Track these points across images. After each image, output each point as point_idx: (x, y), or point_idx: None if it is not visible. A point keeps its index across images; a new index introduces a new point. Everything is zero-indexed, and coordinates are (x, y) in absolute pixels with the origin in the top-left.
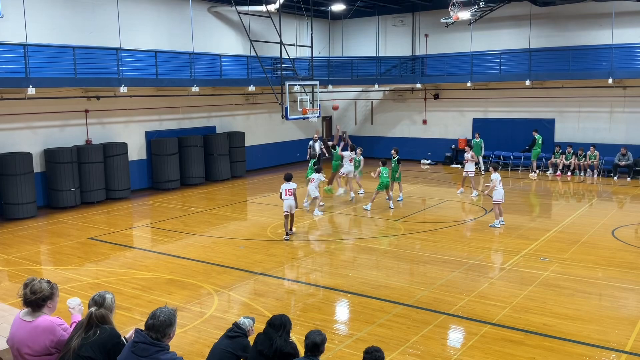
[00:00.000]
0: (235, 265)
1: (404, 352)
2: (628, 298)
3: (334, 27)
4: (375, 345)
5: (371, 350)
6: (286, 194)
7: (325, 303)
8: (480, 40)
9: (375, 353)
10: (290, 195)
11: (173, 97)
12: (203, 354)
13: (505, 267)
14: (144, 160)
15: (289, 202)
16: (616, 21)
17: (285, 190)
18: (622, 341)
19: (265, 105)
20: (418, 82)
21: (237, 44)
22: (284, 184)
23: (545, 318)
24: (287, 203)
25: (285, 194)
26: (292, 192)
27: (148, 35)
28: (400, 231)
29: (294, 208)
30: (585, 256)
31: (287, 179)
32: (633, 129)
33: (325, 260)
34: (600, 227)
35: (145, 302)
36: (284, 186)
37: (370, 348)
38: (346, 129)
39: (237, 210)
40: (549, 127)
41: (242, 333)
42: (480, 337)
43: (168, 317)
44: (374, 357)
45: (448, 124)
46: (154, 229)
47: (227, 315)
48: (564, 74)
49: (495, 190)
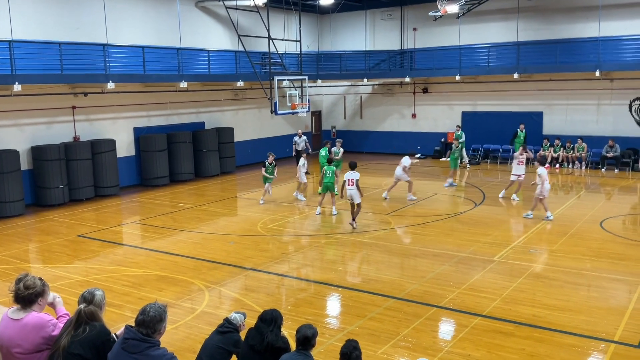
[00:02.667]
0: (225, 261)
1: (395, 344)
2: (616, 289)
3: (323, 22)
4: (354, 341)
5: (349, 352)
6: (349, 184)
7: (316, 297)
8: (468, 33)
9: (354, 352)
10: (352, 185)
11: (161, 93)
12: (194, 349)
13: (495, 260)
14: (133, 157)
15: (350, 191)
16: (603, 14)
17: (348, 180)
18: (610, 331)
19: (254, 100)
20: (407, 76)
21: (225, 39)
22: (348, 172)
23: (534, 309)
24: (350, 193)
25: (347, 183)
26: (353, 182)
27: (135, 30)
28: (390, 225)
29: (354, 198)
30: (574, 247)
31: (351, 168)
32: (620, 121)
33: (316, 254)
34: (589, 218)
35: (135, 299)
36: (347, 175)
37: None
38: (335, 124)
39: (227, 206)
40: (537, 120)
41: (233, 328)
42: (470, 329)
43: (158, 313)
44: (352, 358)
45: (437, 117)
46: (143, 225)
47: (218, 311)
48: (551, 66)
49: (540, 185)
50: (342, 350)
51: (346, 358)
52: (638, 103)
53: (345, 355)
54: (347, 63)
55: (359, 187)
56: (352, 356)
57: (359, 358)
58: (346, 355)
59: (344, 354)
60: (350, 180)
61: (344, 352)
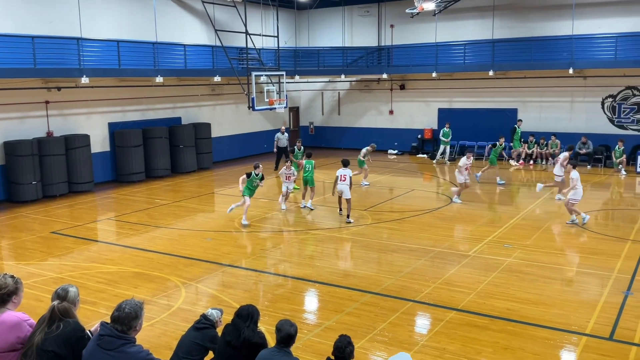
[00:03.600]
0: (202, 257)
1: (372, 339)
2: (588, 282)
3: (300, 17)
4: (347, 337)
5: (343, 346)
6: (341, 179)
7: (294, 293)
8: (444, 31)
9: (347, 347)
10: (345, 181)
11: (136, 88)
12: (171, 346)
13: (470, 254)
14: (108, 152)
15: (342, 187)
16: (576, 12)
17: (341, 176)
18: (582, 324)
19: (231, 96)
20: (384, 72)
21: (201, 34)
22: (340, 169)
23: (508, 303)
24: (339, 188)
25: (340, 179)
26: (346, 178)
27: (110, 24)
28: (367, 220)
29: (345, 193)
30: (547, 242)
31: (344, 165)
32: (593, 118)
33: (294, 250)
34: (562, 214)
35: (111, 296)
36: (340, 171)
37: (341, 342)
38: (313, 120)
39: (204, 202)
40: (511, 117)
41: (210, 324)
42: (446, 323)
43: (134, 310)
44: (346, 353)
45: (414, 114)
46: (118, 222)
47: (195, 307)
48: (526, 64)
49: (576, 190)
50: (336, 344)
51: (340, 352)
52: (610, 100)
53: (340, 349)
54: (325, 59)
55: (351, 183)
56: (347, 351)
57: (352, 353)
58: (340, 349)
59: (338, 347)
60: (342, 176)
61: (338, 346)
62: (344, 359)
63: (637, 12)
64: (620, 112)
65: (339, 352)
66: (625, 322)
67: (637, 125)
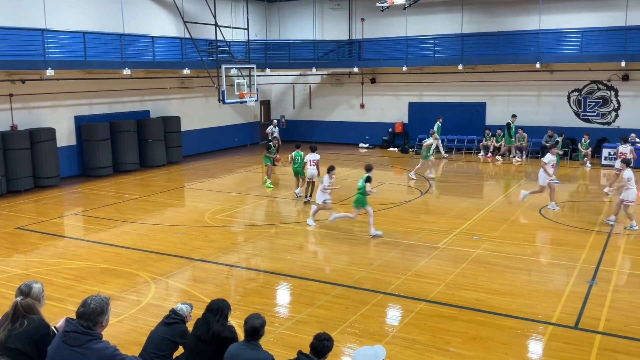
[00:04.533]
0: (172, 252)
1: (343, 331)
2: (554, 273)
3: (270, 10)
4: (327, 333)
5: (321, 338)
6: (311, 164)
7: (266, 287)
8: (414, 25)
9: (324, 341)
10: (314, 166)
11: (103, 81)
12: (140, 342)
13: (439, 246)
14: (74, 146)
15: (312, 171)
16: (543, 7)
17: (310, 161)
18: (549, 313)
19: (201, 89)
20: (355, 66)
21: (170, 26)
22: (309, 154)
23: (477, 294)
24: (310, 172)
25: (310, 164)
26: (315, 163)
27: (75, 15)
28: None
29: (315, 177)
30: (515, 234)
31: (312, 150)
32: (559, 112)
33: (265, 244)
34: (528, 206)
35: (78, 292)
36: (309, 156)
37: (320, 335)
38: (284, 114)
39: (174, 197)
40: (480, 111)
41: (180, 319)
42: (415, 314)
43: (100, 305)
44: (322, 345)
45: (385, 108)
46: (86, 217)
47: (165, 302)
48: (494, 58)
49: (629, 190)
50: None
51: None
52: (576, 94)
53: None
54: (296, 52)
55: (318, 167)
56: (323, 343)
57: (330, 348)
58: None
59: (317, 336)
60: (312, 161)
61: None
62: (320, 352)
63: (602, 7)
64: (586, 105)
65: (317, 340)
66: (589, 311)
67: (601, 118)
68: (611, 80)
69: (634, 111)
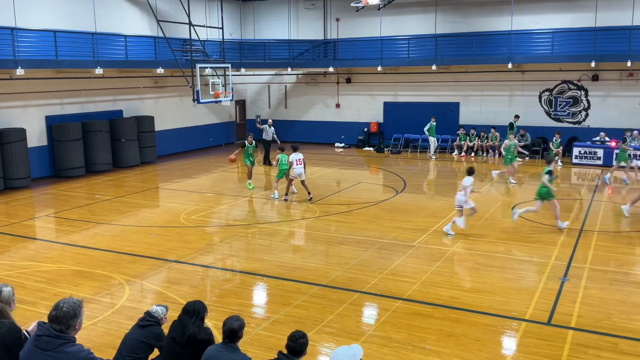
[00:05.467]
0: (147, 253)
1: (320, 330)
2: (527, 270)
3: (245, 9)
4: (301, 331)
5: (296, 338)
6: (297, 163)
7: (242, 288)
8: (389, 25)
9: (299, 340)
10: (300, 165)
11: (75, 80)
12: (114, 345)
13: (415, 245)
14: (45, 147)
15: (299, 170)
16: (515, 8)
17: (296, 160)
18: (522, 310)
19: (175, 88)
20: (330, 66)
21: (143, 24)
22: (293, 154)
23: (452, 291)
24: (298, 171)
25: (296, 163)
26: (301, 162)
27: (46, 13)
28: (315, 213)
29: (301, 175)
30: (488, 232)
31: (294, 149)
32: (531, 111)
33: (241, 245)
34: (502, 204)
35: (50, 295)
36: (293, 156)
37: (294, 335)
38: (260, 113)
39: (148, 198)
40: (454, 111)
41: (155, 321)
42: (392, 312)
43: (72, 308)
44: (299, 345)
45: (360, 107)
46: (58, 218)
47: (139, 305)
48: (467, 59)
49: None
50: (290, 335)
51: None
52: (547, 94)
53: (293, 338)
54: (271, 52)
55: (305, 167)
56: (299, 342)
57: (306, 345)
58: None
59: (292, 336)
60: (298, 160)
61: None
62: (299, 351)
63: (573, 8)
64: (557, 105)
65: (292, 341)
66: (562, 308)
67: (572, 118)
68: (581, 80)
69: (604, 110)
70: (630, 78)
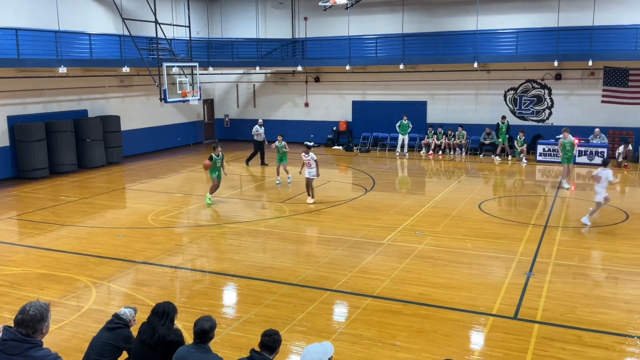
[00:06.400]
0: (114, 255)
1: (291, 329)
2: (494, 266)
3: (212, 8)
4: (273, 329)
5: (269, 334)
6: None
7: (212, 288)
8: (357, 24)
9: (273, 336)
10: (310, 167)
11: (38, 79)
12: (81, 349)
13: (384, 243)
14: (7, 148)
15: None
16: (480, 8)
17: (306, 163)
18: (489, 305)
19: (141, 87)
20: (299, 65)
21: (108, 23)
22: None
23: (421, 288)
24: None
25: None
26: (310, 164)
27: (7, 11)
28: (285, 213)
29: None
30: (456, 229)
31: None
32: (496, 110)
33: (211, 245)
34: (469, 201)
35: (14, 299)
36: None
37: (268, 331)
38: (228, 113)
39: (114, 198)
40: (421, 109)
41: (123, 324)
42: (362, 310)
43: (39, 312)
44: (272, 340)
45: (329, 106)
46: (21, 221)
47: (107, 307)
48: (434, 58)
49: None
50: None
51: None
52: (512, 93)
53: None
54: (239, 51)
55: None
56: (273, 338)
57: (280, 342)
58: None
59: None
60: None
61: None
62: (271, 347)
63: (536, 9)
64: (521, 103)
65: (266, 336)
66: (528, 302)
67: (536, 116)
68: (545, 79)
69: (566, 109)
70: (591, 77)
